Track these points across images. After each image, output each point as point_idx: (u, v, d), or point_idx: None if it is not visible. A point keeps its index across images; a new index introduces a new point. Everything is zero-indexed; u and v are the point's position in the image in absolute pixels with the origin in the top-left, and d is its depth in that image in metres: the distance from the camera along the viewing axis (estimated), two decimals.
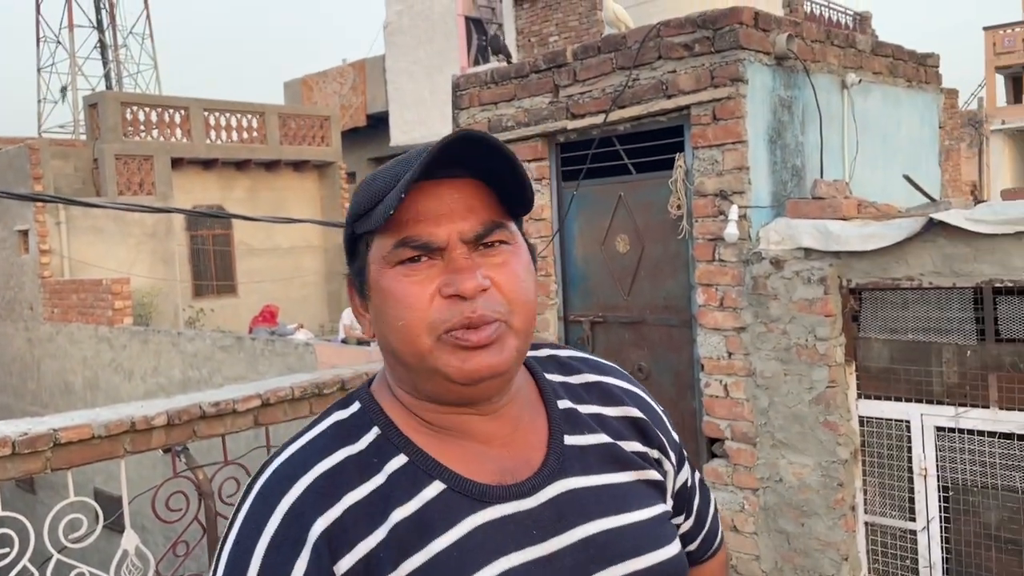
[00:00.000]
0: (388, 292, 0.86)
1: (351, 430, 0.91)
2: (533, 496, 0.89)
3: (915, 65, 5.05)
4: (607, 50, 4.37)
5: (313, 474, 0.87)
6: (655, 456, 1.02)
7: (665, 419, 1.07)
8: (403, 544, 0.84)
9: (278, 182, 15.74)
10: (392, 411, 0.92)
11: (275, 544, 0.83)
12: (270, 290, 14.62)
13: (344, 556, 0.83)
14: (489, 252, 0.87)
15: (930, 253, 3.35)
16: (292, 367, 7.92)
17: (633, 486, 0.96)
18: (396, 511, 0.85)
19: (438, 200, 0.86)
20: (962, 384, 3.34)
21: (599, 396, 1.02)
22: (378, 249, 0.88)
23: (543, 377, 1.01)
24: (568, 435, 0.96)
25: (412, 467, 0.88)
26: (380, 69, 17.18)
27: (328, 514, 0.84)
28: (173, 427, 3.49)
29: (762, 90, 3.92)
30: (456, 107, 5.09)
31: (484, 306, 0.84)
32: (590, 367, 1.06)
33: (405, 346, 0.86)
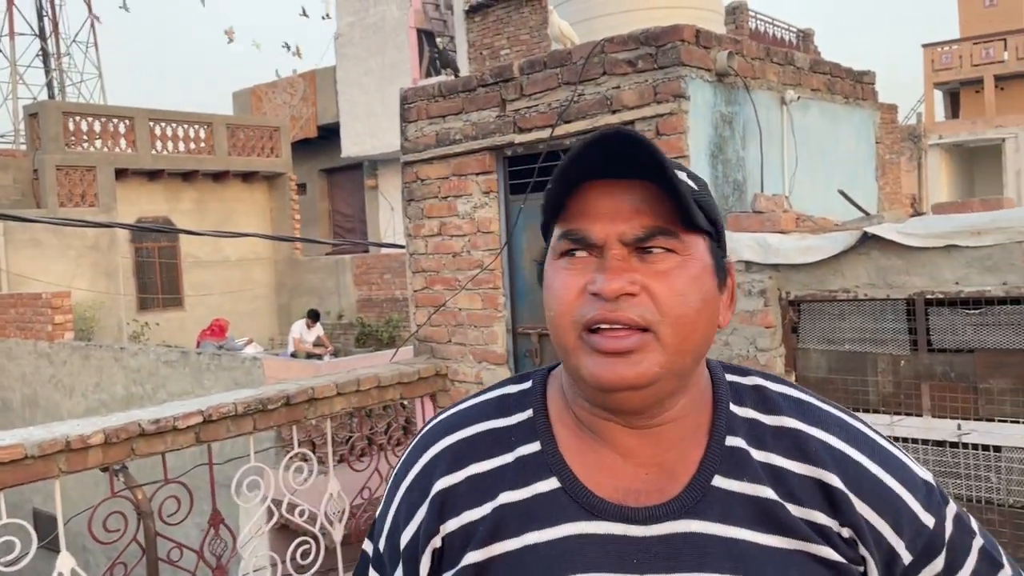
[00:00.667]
0: (549, 281, 0.88)
1: (510, 405, 0.94)
2: (648, 526, 0.85)
3: (852, 82, 5.19)
4: (553, 65, 4.41)
5: (453, 438, 0.93)
6: (844, 534, 0.86)
7: (901, 498, 0.89)
8: (500, 526, 0.86)
9: (226, 193, 15.53)
10: (554, 398, 0.94)
11: (410, 488, 0.93)
12: (218, 303, 14.39)
13: (451, 519, 0.89)
14: (651, 258, 0.84)
15: (865, 266, 3.44)
16: (239, 382, 7.80)
17: (784, 554, 0.84)
18: (505, 493, 0.88)
19: (608, 198, 0.84)
20: (896, 393, 3.43)
21: (788, 446, 0.89)
22: (554, 240, 0.89)
23: (726, 408, 0.91)
24: (721, 476, 0.87)
25: (540, 457, 0.89)
26: (331, 80, 17.10)
27: (449, 477, 0.90)
28: (111, 446, 3.42)
29: (704, 106, 4.00)
30: (404, 120, 5.09)
31: (628, 309, 0.81)
32: (797, 411, 0.92)
33: (555, 338, 0.87)
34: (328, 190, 18.93)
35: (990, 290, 3.18)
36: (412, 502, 0.92)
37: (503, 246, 4.78)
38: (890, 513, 0.88)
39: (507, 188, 4.79)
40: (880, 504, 0.88)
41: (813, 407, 0.93)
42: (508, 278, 4.84)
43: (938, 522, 0.90)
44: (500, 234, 4.81)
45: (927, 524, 0.89)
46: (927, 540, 0.89)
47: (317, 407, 4.21)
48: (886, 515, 0.88)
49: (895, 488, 0.89)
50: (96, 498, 3.56)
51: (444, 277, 5.00)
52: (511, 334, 4.85)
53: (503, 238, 4.80)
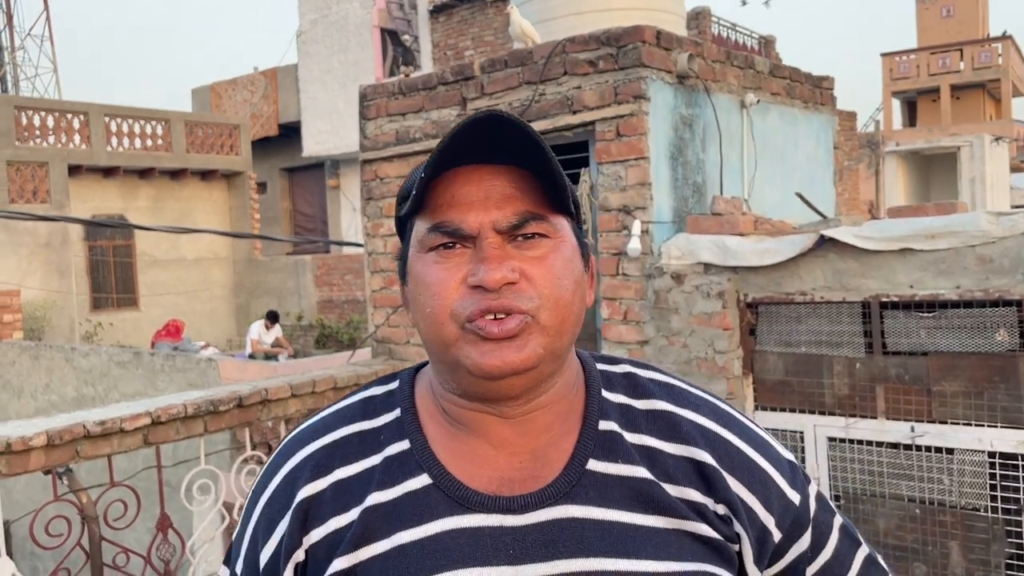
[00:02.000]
0: (420, 277, 0.84)
1: (376, 407, 0.92)
2: (524, 514, 0.83)
3: (811, 87, 5.24)
4: (514, 64, 4.38)
5: (317, 444, 0.90)
6: (718, 511, 0.87)
7: (769, 475, 0.91)
8: (369, 529, 0.83)
9: (184, 191, 15.26)
10: (422, 396, 0.92)
11: (271, 500, 0.89)
12: (174, 303, 14.13)
13: (315, 528, 0.85)
14: (525, 244, 0.83)
15: (821, 268, 3.46)
16: (194, 383, 7.65)
17: (662, 534, 0.84)
18: (374, 494, 0.85)
19: (475, 186, 0.82)
20: (852, 395, 3.45)
21: (662, 428, 0.90)
22: (416, 233, 0.86)
23: (597, 394, 0.91)
24: (596, 459, 0.86)
25: (409, 455, 0.87)
26: (293, 78, 16.91)
27: (313, 485, 0.87)
28: (54, 448, 3.30)
29: (664, 108, 4.00)
30: (363, 117, 5.02)
31: (510, 297, 0.80)
32: (668, 394, 0.92)
33: (432, 334, 0.83)
34: (289, 189, 18.71)
35: (944, 293, 3.21)
36: (272, 516, 0.88)
37: None
38: (760, 490, 0.90)
39: None
40: (751, 481, 0.89)
41: (683, 390, 0.94)
42: None
43: (803, 499, 0.93)
44: None
45: (793, 501, 0.92)
46: (794, 517, 0.91)
47: (271, 409, 4.12)
48: (757, 492, 0.89)
49: (764, 466, 0.91)
50: (43, 500, 3.44)
51: None
52: None
53: None
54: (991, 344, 3.17)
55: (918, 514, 3.35)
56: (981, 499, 3.25)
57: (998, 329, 3.14)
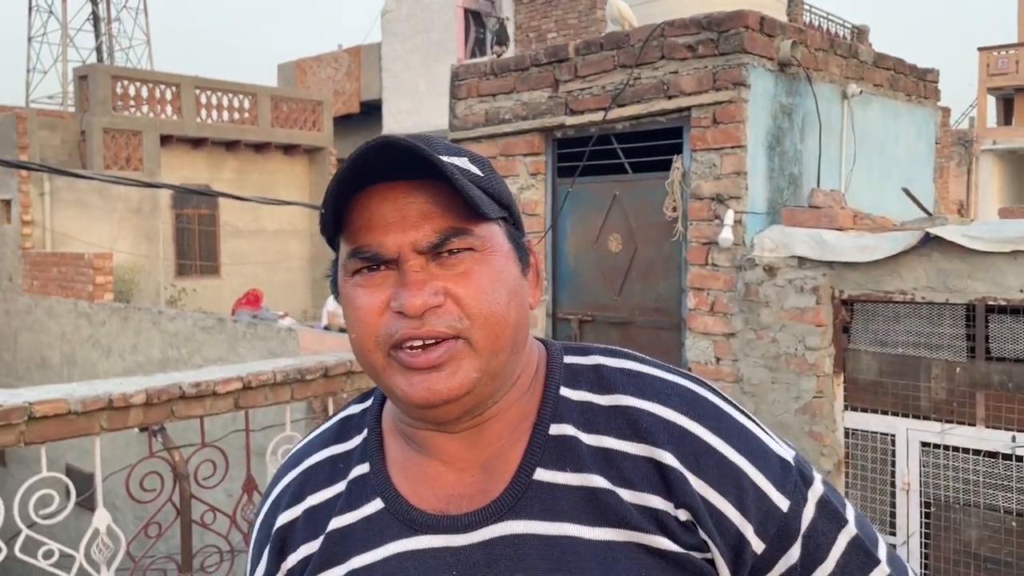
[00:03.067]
0: (347, 302, 0.81)
1: (350, 429, 0.91)
2: (468, 533, 0.80)
3: (915, 79, 5.05)
4: (609, 47, 4.33)
5: (297, 470, 0.91)
6: (680, 517, 0.78)
7: (745, 473, 0.80)
8: (330, 553, 0.84)
9: (267, 165, 15.61)
10: (388, 416, 0.89)
11: (260, 528, 0.92)
12: (254, 273, 14.50)
13: (290, 555, 0.87)
14: (450, 261, 0.78)
15: (924, 268, 3.33)
16: (274, 351, 7.85)
17: (612, 548, 0.77)
18: (335, 520, 0.85)
19: (391, 205, 0.77)
20: (949, 400, 3.33)
21: (622, 426, 0.81)
22: (340, 255, 0.82)
23: (554, 394, 0.84)
24: (544, 468, 0.81)
25: (367, 479, 0.86)
26: (376, 56, 17.08)
27: (289, 512, 0.89)
28: (152, 406, 3.43)
29: (764, 95, 3.90)
30: (454, 97, 5.04)
31: (435, 322, 0.76)
32: (634, 386, 0.83)
33: (361, 360, 0.82)
34: None
35: None
36: (260, 542, 0.91)
37: (547, 229, 4.72)
38: (733, 491, 0.78)
39: (555, 171, 4.72)
40: (721, 481, 0.78)
41: (653, 378, 0.84)
42: (551, 262, 4.79)
43: (794, 504, 0.80)
44: (545, 217, 4.75)
45: (778, 505, 0.79)
46: (780, 525, 0.79)
47: (355, 380, 4.19)
48: (728, 494, 0.78)
49: (738, 463, 0.79)
50: (127, 458, 3.58)
51: None
52: (551, 319, 4.80)
53: (548, 221, 4.74)
54: None
55: (1014, 527, 3.23)
56: None
57: None
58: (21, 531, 3.25)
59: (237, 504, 3.80)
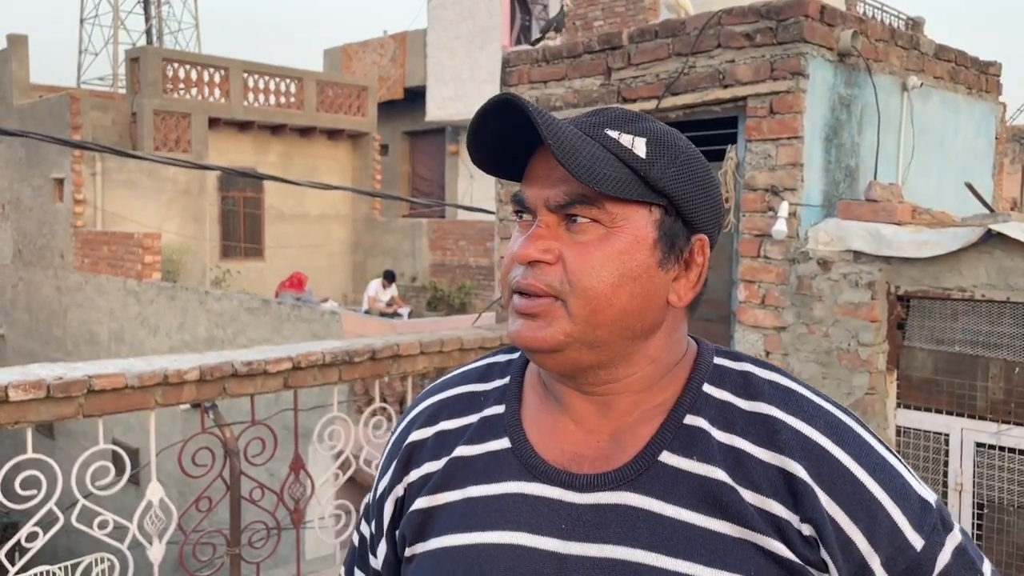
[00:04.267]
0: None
1: (494, 373, 0.98)
2: (584, 493, 0.84)
3: (977, 72, 4.92)
4: (664, 35, 4.28)
5: (434, 399, 0.98)
6: (803, 531, 0.79)
7: (882, 505, 0.80)
8: (450, 477, 0.90)
9: (312, 149, 15.75)
10: (533, 369, 0.95)
11: (394, 443, 1.00)
12: (296, 256, 14.67)
13: (413, 469, 0.94)
14: (576, 227, 0.82)
15: (985, 265, 3.26)
16: (317, 334, 7.94)
17: (724, 540, 0.79)
18: (460, 447, 0.91)
19: (544, 164, 0.84)
20: (1007, 401, 3.26)
21: (759, 431, 0.83)
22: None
23: (696, 388, 0.87)
24: (671, 452, 0.83)
25: (500, 419, 0.92)
26: (421, 43, 17.11)
27: (421, 432, 0.96)
28: (204, 383, 3.49)
29: (822, 86, 3.83)
30: (504, 83, 5.03)
31: (534, 276, 0.82)
32: (780, 399, 0.84)
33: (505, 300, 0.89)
34: (409, 153, 19.03)
35: None
36: (390, 456, 0.98)
37: None
38: (865, 520, 0.79)
39: None
40: (854, 506, 0.79)
41: (802, 397, 0.85)
42: None
43: (929, 546, 0.80)
44: None
45: (912, 544, 0.79)
46: (910, 563, 0.79)
47: (400, 364, 4.23)
48: (859, 520, 0.79)
49: (877, 495, 0.80)
50: (173, 435, 3.65)
51: None
52: None
53: None
54: None
55: None
56: None
57: None
58: (78, 501, 3.34)
59: (284, 482, 3.86)
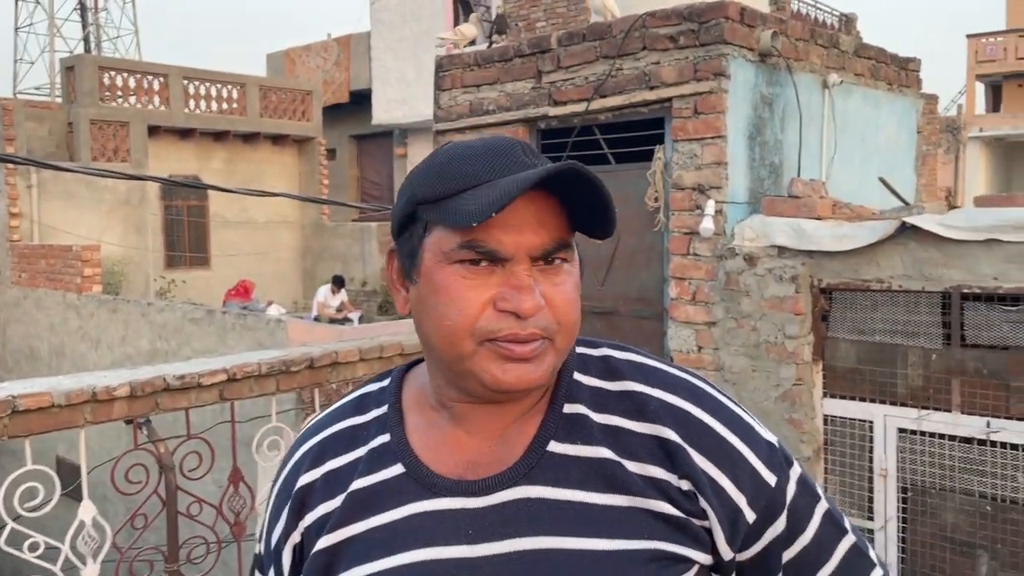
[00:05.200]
0: (441, 288, 0.84)
1: (368, 403, 0.98)
2: (484, 496, 0.88)
3: (897, 68, 5.07)
4: (592, 38, 4.34)
5: (317, 438, 0.98)
6: (682, 487, 0.87)
7: (741, 452, 0.89)
8: (350, 512, 0.91)
9: (256, 155, 15.56)
10: (410, 391, 0.97)
11: (280, 490, 0.98)
12: (244, 264, 14.48)
13: (308, 513, 0.94)
14: (550, 269, 0.85)
15: (901, 256, 3.37)
16: (263, 343, 7.86)
17: (618, 512, 0.86)
18: (356, 482, 0.92)
19: (513, 210, 0.81)
20: (926, 387, 3.38)
21: (629, 407, 0.90)
22: (438, 241, 0.85)
23: (568, 377, 0.93)
24: (557, 441, 0.89)
25: (388, 447, 0.93)
26: (365, 45, 17.02)
27: (309, 475, 0.95)
28: (136, 399, 3.44)
29: (744, 86, 3.92)
30: (438, 88, 5.05)
31: (536, 323, 0.83)
32: (641, 375, 0.93)
33: (447, 345, 0.86)
34: (357, 157, 18.91)
35: None
36: (279, 503, 0.97)
37: None
38: (729, 467, 0.88)
39: None
40: (720, 458, 0.88)
41: (658, 370, 0.94)
42: None
43: (780, 481, 0.91)
44: None
45: (768, 481, 0.90)
46: (768, 498, 0.89)
47: (340, 371, 4.22)
48: (725, 469, 0.88)
49: (736, 444, 0.90)
50: (118, 449, 3.60)
51: None
52: None
53: None
54: None
55: (989, 511, 3.28)
56: None
57: None
58: (7, 524, 3.27)
59: (223, 495, 3.82)
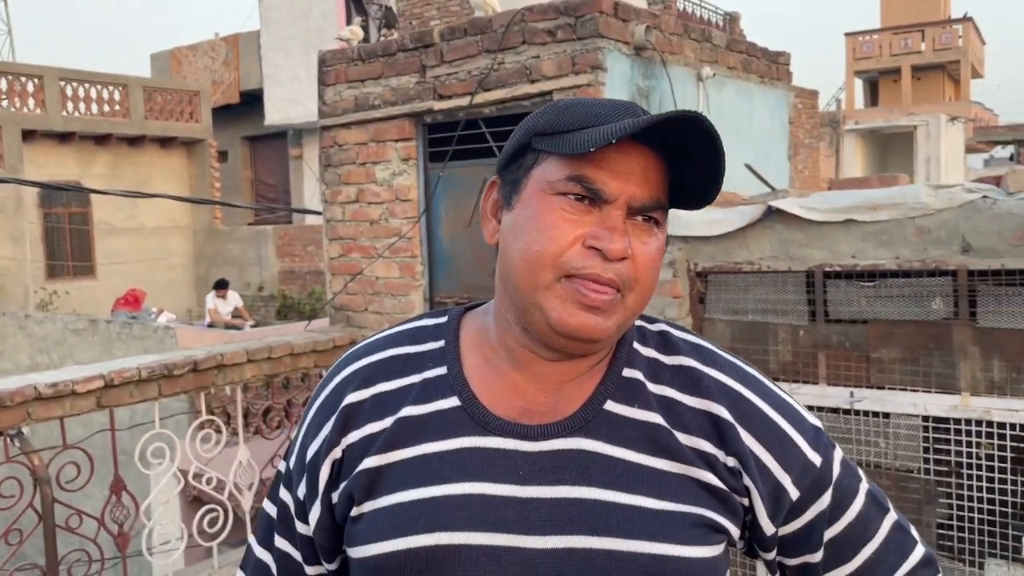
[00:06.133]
0: (539, 216, 0.86)
1: (425, 336, 0.99)
2: (538, 442, 0.90)
3: (768, 62, 5.31)
4: (473, 32, 4.38)
5: (366, 360, 0.99)
6: (728, 463, 0.92)
7: (788, 435, 0.94)
8: (399, 436, 0.92)
9: (143, 159, 15.00)
10: (467, 332, 0.98)
11: (322, 405, 0.98)
12: (133, 272, 13.93)
13: (352, 431, 0.94)
14: (642, 227, 0.87)
15: (769, 239, 3.54)
16: (151, 351, 7.59)
17: (666, 476, 0.90)
18: (407, 408, 0.93)
19: (625, 158, 0.85)
20: (795, 362, 3.56)
21: (683, 381, 0.94)
22: (548, 171, 0.87)
23: (629, 344, 0.96)
24: (614, 401, 0.92)
25: (444, 379, 0.94)
26: (255, 44, 16.62)
27: (357, 394, 0.96)
28: (4, 409, 3.29)
29: (621, 79, 4.04)
30: (322, 83, 5.00)
31: (618, 271, 0.84)
32: (696, 353, 0.97)
33: (528, 271, 0.87)
34: (251, 158, 18.46)
35: (884, 263, 3.31)
36: (321, 417, 0.97)
37: (421, 214, 4.76)
38: (777, 448, 0.93)
39: (426, 155, 4.75)
40: (767, 438, 0.93)
41: (712, 352, 0.98)
42: (426, 246, 4.82)
43: (825, 461, 0.96)
44: (419, 202, 4.78)
45: (813, 462, 0.94)
46: (814, 477, 0.94)
47: (226, 374, 4.13)
48: (772, 449, 0.93)
49: (783, 426, 0.94)
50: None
51: (361, 245, 4.95)
52: (429, 303, 4.84)
53: (421, 206, 4.77)
54: (927, 312, 3.28)
55: None
56: (915, 461, 3.38)
57: (934, 298, 3.26)
58: None
59: (105, 506, 3.69)
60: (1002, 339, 3.13)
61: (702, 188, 0.89)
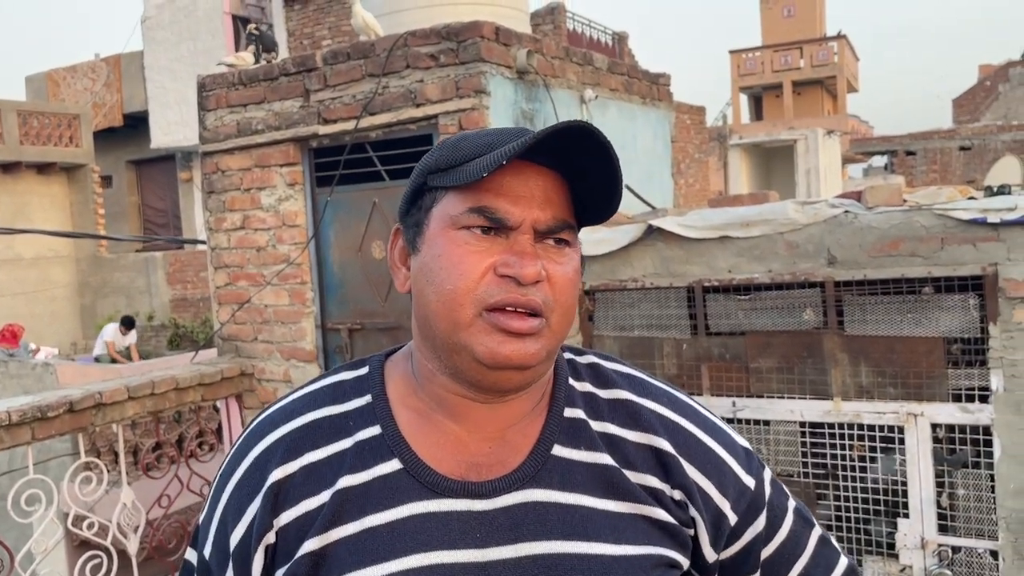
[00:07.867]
0: (446, 253, 0.84)
1: (346, 392, 0.93)
2: (491, 499, 0.86)
3: (648, 83, 5.48)
4: (357, 56, 4.36)
5: (286, 429, 0.90)
6: (675, 496, 0.92)
7: (724, 460, 0.95)
8: (340, 511, 0.84)
9: (19, 186, 14.22)
10: (393, 382, 0.93)
11: (240, 484, 0.89)
12: (10, 306, 13.17)
13: (285, 510, 0.86)
14: (553, 249, 0.86)
15: (651, 256, 3.65)
16: (30, 391, 7.19)
17: (621, 518, 0.89)
18: (345, 478, 0.86)
19: (523, 181, 0.84)
20: (680, 375, 3.66)
21: (622, 417, 0.93)
22: (447, 207, 0.86)
23: (564, 381, 0.94)
24: (560, 445, 0.90)
25: (380, 440, 0.88)
26: (138, 65, 16.06)
27: (283, 468, 0.87)
28: None
29: (504, 102, 4.09)
30: (202, 108, 4.87)
31: (535, 294, 0.82)
32: (630, 385, 0.96)
33: (445, 311, 0.84)
34: (137, 183, 17.76)
35: (757, 277, 3.46)
36: (242, 498, 0.88)
37: (310, 239, 4.68)
38: (716, 475, 0.94)
39: (313, 180, 4.69)
40: (707, 467, 0.93)
41: (644, 381, 0.98)
42: (316, 272, 4.75)
43: (758, 484, 0.97)
44: (307, 227, 4.71)
45: (748, 485, 0.96)
46: (749, 500, 0.96)
47: (106, 413, 3.95)
48: (712, 477, 0.94)
49: (719, 452, 0.95)
50: None
51: (248, 272, 4.83)
52: (320, 330, 4.77)
53: (310, 231, 4.70)
54: (799, 323, 3.45)
55: None
56: (794, 465, 3.53)
57: (805, 309, 3.43)
58: None
59: None
60: (867, 345, 3.32)
61: (604, 200, 0.88)
